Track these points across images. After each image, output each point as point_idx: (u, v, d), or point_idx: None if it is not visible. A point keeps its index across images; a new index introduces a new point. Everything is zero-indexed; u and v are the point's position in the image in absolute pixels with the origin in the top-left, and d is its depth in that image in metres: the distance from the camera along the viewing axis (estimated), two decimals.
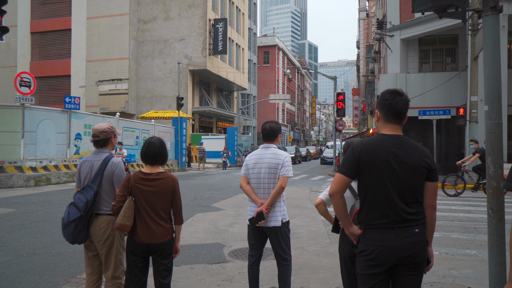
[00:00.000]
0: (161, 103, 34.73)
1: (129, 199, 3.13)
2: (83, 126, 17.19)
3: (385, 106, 2.39)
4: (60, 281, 4.65)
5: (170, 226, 3.22)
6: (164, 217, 3.19)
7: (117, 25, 34.21)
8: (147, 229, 3.13)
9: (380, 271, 2.26)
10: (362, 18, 58.98)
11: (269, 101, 37.09)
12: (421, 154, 2.32)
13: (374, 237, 2.27)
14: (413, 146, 2.35)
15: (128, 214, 3.10)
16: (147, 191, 3.13)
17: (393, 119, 2.40)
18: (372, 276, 2.27)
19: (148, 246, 3.15)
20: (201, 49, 34.32)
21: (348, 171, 2.32)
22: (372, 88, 39.67)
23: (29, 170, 14.16)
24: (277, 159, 3.89)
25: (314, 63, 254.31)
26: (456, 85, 18.79)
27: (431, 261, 2.43)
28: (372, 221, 2.30)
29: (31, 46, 36.20)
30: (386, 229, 2.25)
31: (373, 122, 28.28)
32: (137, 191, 3.14)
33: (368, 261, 2.27)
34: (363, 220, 2.36)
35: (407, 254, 2.21)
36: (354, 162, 2.32)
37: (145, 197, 3.14)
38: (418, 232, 2.26)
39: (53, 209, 9.50)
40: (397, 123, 2.41)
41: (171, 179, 3.21)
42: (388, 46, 20.43)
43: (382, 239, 2.24)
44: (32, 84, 14.53)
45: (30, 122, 14.55)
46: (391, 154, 2.28)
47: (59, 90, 34.83)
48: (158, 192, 3.15)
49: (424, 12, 3.74)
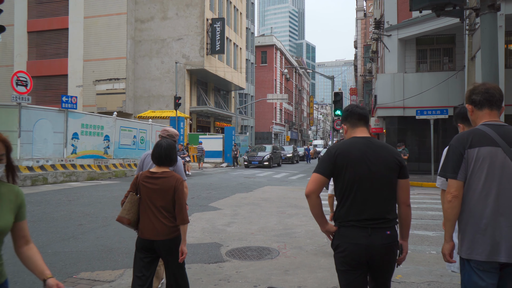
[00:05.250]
0: (158, 103, 34.66)
1: (132, 194, 3.35)
2: (80, 125, 17.12)
3: (348, 114, 2.66)
4: None
5: (173, 225, 3.29)
6: (166, 215, 3.28)
7: (114, 25, 34.10)
8: (149, 225, 3.28)
9: (355, 267, 2.43)
10: (360, 18, 59.04)
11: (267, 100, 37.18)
12: (391, 152, 2.51)
13: (347, 234, 2.44)
14: (383, 145, 2.54)
15: (129, 208, 3.32)
16: (150, 188, 3.30)
17: (359, 123, 2.62)
18: (349, 272, 2.44)
19: (152, 242, 3.27)
20: (198, 49, 34.27)
21: (325, 171, 2.48)
22: (370, 87, 39.69)
23: (26, 169, 14.10)
24: None
25: (312, 62, 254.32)
26: (453, 85, 18.80)
27: (402, 254, 2.61)
28: (348, 219, 2.45)
29: (28, 45, 36.05)
30: (359, 227, 2.41)
31: (370, 122, 28.31)
32: (142, 188, 3.34)
33: (342, 258, 2.45)
34: (339, 218, 2.51)
35: (377, 253, 2.40)
36: (330, 162, 2.48)
37: (148, 194, 3.31)
38: (390, 234, 2.43)
39: (50, 208, 9.46)
40: (364, 126, 2.62)
41: (173, 179, 3.32)
42: (385, 46, 20.44)
43: (355, 237, 2.41)
44: (28, 83, 14.47)
45: (26, 122, 14.49)
46: (364, 153, 2.45)
47: (56, 90, 34.71)
48: (159, 189, 3.28)
49: (421, 11, 3.73)
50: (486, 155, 2.30)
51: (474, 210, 2.34)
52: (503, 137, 2.32)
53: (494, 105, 2.42)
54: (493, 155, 2.30)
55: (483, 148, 2.31)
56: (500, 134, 2.33)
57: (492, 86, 2.45)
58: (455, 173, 2.35)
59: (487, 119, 2.42)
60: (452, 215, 2.38)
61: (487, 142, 2.32)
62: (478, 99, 2.44)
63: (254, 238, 6.90)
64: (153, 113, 30.06)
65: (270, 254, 5.90)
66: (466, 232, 2.37)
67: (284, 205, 10.55)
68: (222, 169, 27.40)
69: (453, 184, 2.36)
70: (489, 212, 2.29)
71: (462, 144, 2.37)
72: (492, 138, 2.32)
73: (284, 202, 11.12)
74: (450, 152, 2.44)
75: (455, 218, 2.39)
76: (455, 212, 2.37)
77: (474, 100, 2.46)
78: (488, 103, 2.42)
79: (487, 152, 2.30)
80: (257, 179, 18.74)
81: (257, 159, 28.07)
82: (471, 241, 2.32)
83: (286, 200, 11.53)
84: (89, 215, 8.77)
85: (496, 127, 2.36)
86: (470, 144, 2.34)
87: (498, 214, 2.27)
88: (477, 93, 2.44)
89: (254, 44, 55.94)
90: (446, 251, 2.46)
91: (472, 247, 2.31)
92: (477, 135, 2.36)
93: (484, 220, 2.29)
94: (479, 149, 2.31)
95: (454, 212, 2.37)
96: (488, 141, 2.32)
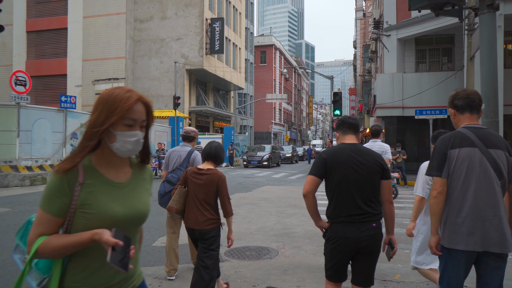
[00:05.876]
0: (157, 103, 34.63)
1: (180, 187, 3.91)
2: (79, 125, 17.11)
3: (341, 123, 3.05)
4: None
5: (214, 217, 3.80)
6: (207, 208, 3.77)
7: (113, 24, 34.06)
8: (192, 215, 3.80)
9: (343, 255, 2.80)
10: (359, 18, 59.02)
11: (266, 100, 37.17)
12: (375, 156, 2.84)
13: (339, 229, 2.78)
14: (368, 151, 2.87)
15: (177, 199, 3.88)
16: (195, 182, 3.82)
17: (348, 131, 3.00)
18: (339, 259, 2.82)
19: (193, 231, 3.81)
20: (198, 49, 34.25)
21: (318, 172, 2.84)
22: (369, 87, 39.69)
23: (25, 169, 14.09)
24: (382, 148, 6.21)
25: (311, 62, 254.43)
26: (452, 85, 18.80)
27: (394, 247, 2.99)
28: (338, 216, 2.80)
29: (27, 45, 35.98)
30: (349, 223, 2.75)
31: (369, 122, 28.30)
32: (189, 182, 3.88)
33: (333, 249, 2.81)
34: (330, 216, 2.86)
35: (364, 244, 2.73)
36: (322, 165, 2.84)
37: (194, 188, 3.82)
38: (375, 226, 2.77)
39: None
40: (353, 134, 2.99)
41: (216, 176, 3.80)
42: (384, 46, 20.45)
43: (345, 231, 2.75)
44: (27, 83, 14.46)
45: (25, 121, 14.48)
46: (351, 158, 2.79)
47: (55, 89, 34.64)
48: (203, 184, 3.76)
49: (420, 10, 3.74)
50: (466, 155, 2.55)
51: (454, 205, 2.59)
52: (481, 139, 2.56)
53: (474, 110, 2.68)
54: (472, 155, 2.55)
55: (463, 149, 2.56)
56: (478, 136, 2.58)
57: (473, 92, 2.71)
58: (440, 171, 2.61)
59: (467, 122, 2.68)
60: (438, 210, 2.64)
61: (466, 144, 2.57)
62: (460, 104, 2.70)
63: (253, 238, 6.90)
64: None
65: (269, 254, 5.90)
66: (447, 224, 2.63)
67: (283, 205, 10.55)
68: (221, 169, 27.37)
69: (438, 181, 2.61)
70: (467, 206, 2.54)
71: (445, 145, 2.62)
72: (471, 140, 2.57)
73: (283, 202, 11.12)
74: (435, 153, 2.69)
75: (440, 213, 2.65)
76: (440, 207, 2.63)
77: (456, 105, 2.72)
78: (469, 108, 2.68)
79: (467, 152, 2.55)
80: (256, 179, 18.74)
81: (256, 159, 28.07)
82: (452, 232, 2.59)
83: (285, 200, 11.53)
84: None
85: (475, 129, 2.62)
86: (452, 145, 2.59)
87: (475, 209, 2.52)
88: (459, 99, 2.70)
89: (253, 44, 55.90)
90: (433, 244, 2.70)
91: (452, 237, 2.58)
92: (458, 137, 2.61)
93: (463, 213, 2.55)
94: (460, 149, 2.57)
95: (440, 207, 2.63)
96: (468, 143, 2.57)
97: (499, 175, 2.53)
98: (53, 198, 1.50)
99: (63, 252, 1.48)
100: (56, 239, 1.48)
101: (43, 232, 1.50)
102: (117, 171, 1.66)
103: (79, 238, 1.46)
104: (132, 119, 1.59)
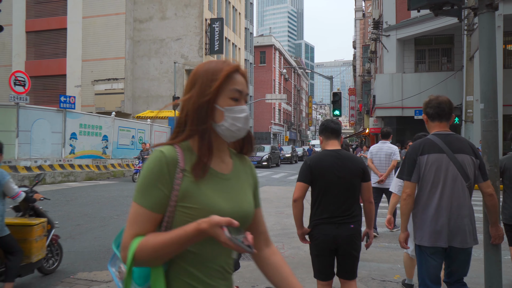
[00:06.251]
0: (157, 103, 34.61)
1: None
2: (78, 125, 17.11)
3: (324, 128, 3.23)
4: (53, 281, 4.61)
5: None
6: None
7: (113, 25, 34.04)
8: None
9: (325, 252, 3.07)
10: (359, 18, 59.05)
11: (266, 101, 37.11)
12: (356, 161, 3.10)
13: (320, 228, 3.07)
14: (349, 156, 3.12)
15: None
16: None
17: (331, 136, 3.20)
18: (321, 256, 3.11)
19: None
20: (197, 49, 34.25)
21: (306, 178, 3.08)
22: (369, 88, 39.69)
23: (24, 169, 14.08)
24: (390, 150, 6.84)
25: (311, 63, 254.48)
26: (452, 85, 18.82)
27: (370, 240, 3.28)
28: (321, 217, 3.06)
29: (27, 45, 35.96)
30: (329, 223, 3.02)
31: (369, 122, 28.29)
32: None
33: (316, 245, 3.10)
34: (314, 216, 3.13)
35: (343, 242, 3.00)
36: (308, 171, 3.08)
37: None
38: (353, 228, 3.03)
39: (47, 208, 9.35)
40: (335, 138, 3.19)
41: None
42: (384, 46, 20.45)
43: (326, 230, 3.03)
44: (26, 83, 14.44)
45: (24, 122, 14.46)
46: (334, 164, 3.04)
47: (54, 90, 34.59)
48: None
49: (419, 10, 3.74)
50: (434, 160, 2.80)
51: (424, 206, 2.86)
52: (448, 145, 2.80)
53: (443, 118, 2.90)
54: (440, 160, 2.79)
55: (431, 155, 2.81)
56: (445, 142, 2.82)
57: (444, 100, 2.90)
58: (409, 176, 2.89)
59: (437, 129, 2.92)
60: (407, 210, 2.93)
61: (434, 150, 2.81)
62: (430, 112, 2.93)
63: None
64: (151, 113, 30.00)
65: None
66: (417, 224, 2.93)
67: (282, 205, 10.54)
68: None
69: (408, 185, 2.89)
70: (434, 207, 2.81)
71: (415, 151, 2.88)
72: (439, 146, 2.80)
73: (282, 202, 11.10)
74: (406, 159, 2.96)
75: (409, 213, 2.95)
76: (409, 208, 2.92)
77: (427, 113, 2.96)
78: (438, 117, 2.90)
79: (435, 158, 2.80)
80: None
81: (255, 159, 28.02)
82: (421, 231, 2.88)
83: (284, 200, 11.51)
84: (87, 215, 8.75)
85: (443, 136, 2.85)
86: (421, 152, 2.85)
87: (440, 209, 2.79)
88: (430, 107, 2.93)
89: (252, 44, 55.90)
90: (401, 239, 3.05)
91: (422, 235, 2.87)
92: (427, 144, 2.87)
93: (430, 214, 2.83)
94: (428, 155, 2.81)
95: (408, 207, 2.92)
96: (436, 149, 2.81)
97: (465, 178, 2.77)
98: (151, 188, 1.23)
99: (163, 253, 1.19)
100: (154, 237, 1.20)
101: (138, 232, 1.22)
102: (220, 160, 1.37)
103: (182, 231, 1.17)
104: (238, 90, 1.34)
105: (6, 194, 4.12)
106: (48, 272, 4.79)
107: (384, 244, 6.58)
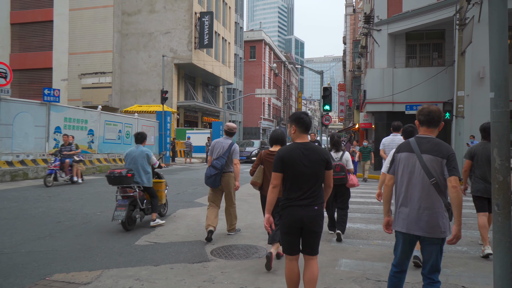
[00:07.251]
0: (145, 97, 34.12)
1: (260, 167, 5.30)
2: (63, 119, 16.64)
3: (300, 122, 3.55)
4: (27, 283, 4.30)
5: None
6: None
7: (100, 17, 33.41)
8: (267, 186, 5.12)
9: (292, 230, 3.46)
10: (349, 13, 58.91)
11: (255, 95, 36.74)
12: (321, 152, 3.48)
13: (289, 209, 3.45)
14: (316, 148, 3.48)
15: (259, 175, 5.27)
16: (269, 161, 5.12)
17: (304, 131, 3.57)
18: (289, 234, 3.50)
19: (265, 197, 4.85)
20: (186, 43, 33.77)
21: (279, 168, 3.46)
22: (358, 83, 39.56)
23: (5, 164, 13.63)
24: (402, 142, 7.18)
25: (301, 58, 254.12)
26: (442, 80, 18.71)
27: None
28: (290, 199, 3.45)
29: (11, 37, 35.05)
30: (297, 206, 3.42)
31: (359, 117, 28.13)
32: (265, 162, 5.26)
33: (284, 223, 3.49)
34: (285, 198, 3.49)
35: (308, 221, 3.40)
36: (280, 162, 3.45)
37: (268, 166, 5.10)
38: (317, 209, 3.43)
39: (28, 205, 9.06)
40: (305, 132, 3.57)
41: None
42: (375, 40, 20.25)
43: (293, 211, 3.42)
44: (8, 75, 13.97)
45: (6, 115, 13.99)
46: (301, 155, 3.43)
47: (40, 83, 33.79)
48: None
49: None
50: (404, 158, 3.33)
51: (397, 196, 3.37)
52: (418, 145, 3.27)
53: (431, 124, 3.31)
54: (408, 158, 3.30)
55: (403, 153, 3.35)
56: (418, 144, 3.28)
57: (434, 110, 3.31)
58: (388, 169, 3.54)
59: (422, 133, 3.36)
60: (387, 198, 3.50)
61: (406, 149, 3.34)
62: (421, 119, 3.36)
63: (240, 235, 6.63)
64: (139, 107, 29.53)
65: (257, 253, 5.64)
66: (393, 211, 3.43)
67: None
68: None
69: (387, 177, 3.50)
70: (402, 197, 3.31)
71: (396, 150, 3.48)
72: (411, 147, 3.30)
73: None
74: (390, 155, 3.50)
75: (389, 200, 3.51)
76: (389, 195, 3.49)
77: (419, 119, 3.39)
78: (427, 123, 3.33)
79: (405, 156, 3.33)
80: (244, 174, 18.45)
81: (244, 154, 27.72)
82: (395, 218, 3.40)
83: None
84: (69, 211, 8.40)
85: (419, 138, 3.32)
86: (398, 150, 3.44)
87: (405, 200, 3.29)
88: (422, 115, 3.35)
89: (243, 38, 55.47)
90: (384, 224, 3.53)
91: (396, 222, 3.37)
92: (404, 144, 3.41)
93: (399, 203, 3.34)
94: (401, 154, 3.37)
95: (388, 195, 3.49)
96: (408, 149, 3.33)
97: (429, 175, 3.17)
98: None
99: None
100: None
101: None
102: None
103: None
104: None
105: (150, 163, 7.07)
106: (161, 215, 7.91)
107: (377, 242, 6.36)
